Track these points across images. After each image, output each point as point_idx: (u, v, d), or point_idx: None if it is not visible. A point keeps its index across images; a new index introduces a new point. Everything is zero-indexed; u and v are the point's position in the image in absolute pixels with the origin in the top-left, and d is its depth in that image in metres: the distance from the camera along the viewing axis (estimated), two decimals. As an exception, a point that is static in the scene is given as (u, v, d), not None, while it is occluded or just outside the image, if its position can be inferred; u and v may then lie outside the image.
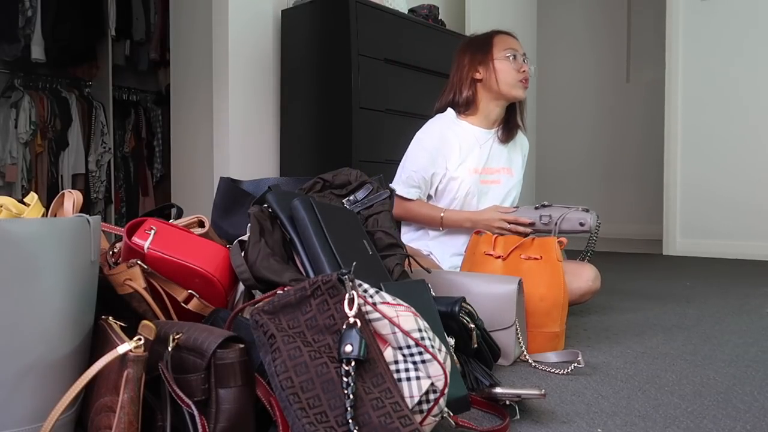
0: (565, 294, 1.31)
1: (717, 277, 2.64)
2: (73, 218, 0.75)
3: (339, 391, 0.68)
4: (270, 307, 0.74)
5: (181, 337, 0.73)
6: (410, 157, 1.75)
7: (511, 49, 1.72)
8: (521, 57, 1.73)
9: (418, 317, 0.77)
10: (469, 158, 1.74)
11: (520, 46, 1.76)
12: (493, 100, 1.75)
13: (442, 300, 1.05)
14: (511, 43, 1.75)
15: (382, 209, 1.25)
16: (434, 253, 1.75)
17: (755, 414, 0.93)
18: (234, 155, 2.67)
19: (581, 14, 5.03)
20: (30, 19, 3.70)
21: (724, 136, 3.54)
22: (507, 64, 1.71)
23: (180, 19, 2.97)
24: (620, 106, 4.85)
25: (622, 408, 0.96)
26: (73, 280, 0.73)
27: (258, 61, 2.75)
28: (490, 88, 1.73)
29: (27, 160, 3.81)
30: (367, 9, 2.58)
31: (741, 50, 3.48)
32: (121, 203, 4.44)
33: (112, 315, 0.81)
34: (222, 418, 0.70)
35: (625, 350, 1.34)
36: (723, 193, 3.55)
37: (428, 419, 0.74)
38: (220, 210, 1.43)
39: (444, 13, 3.44)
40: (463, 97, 1.76)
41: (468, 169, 1.73)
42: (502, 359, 1.21)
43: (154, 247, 1.00)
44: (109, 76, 4.15)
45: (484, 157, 1.76)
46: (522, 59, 1.73)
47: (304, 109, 2.70)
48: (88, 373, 0.67)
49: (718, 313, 1.78)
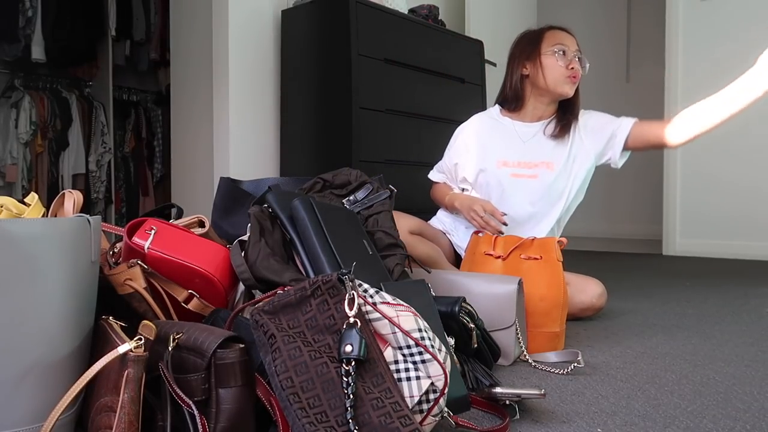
0: (565, 294, 1.31)
1: (717, 277, 2.64)
2: (73, 218, 0.75)
3: (339, 391, 0.68)
4: (270, 307, 0.74)
5: (181, 337, 0.74)
6: (447, 147, 1.90)
7: (561, 45, 1.69)
8: (573, 53, 1.69)
9: (418, 317, 0.77)
10: (502, 151, 1.75)
11: (574, 42, 1.72)
12: (540, 96, 1.74)
13: (442, 300, 1.05)
14: (561, 38, 1.71)
15: (382, 209, 1.25)
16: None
17: (755, 414, 0.93)
18: (234, 155, 2.67)
19: (581, 14, 5.03)
20: (30, 19, 3.70)
21: (724, 136, 3.54)
22: (554, 60, 1.68)
23: (180, 19, 2.96)
24: (620, 106, 4.84)
25: (622, 408, 0.96)
26: (74, 280, 0.73)
27: (258, 61, 2.75)
28: (537, 84, 1.73)
29: (27, 160, 3.81)
30: (367, 9, 2.58)
31: (741, 50, 3.48)
32: (122, 203, 4.44)
33: (113, 315, 0.81)
34: (222, 418, 0.70)
35: (625, 350, 1.34)
36: (723, 193, 3.55)
37: (428, 419, 0.74)
38: (220, 210, 1.44)
39: (444, 13, 3.44)
40: (512, 92, 1.77)
41: (497, 162, 1.74)
42: (502, 359, 1.21)
43: (155, 247, 1.00)
44: (109, 76, 4.15)
45: (520, 151, 1.74)
46: (574, 55, 1.69)
47: (304, 109, 2.70)
48: (89, 373, 0.67)
49: (718, 313, 1.78)
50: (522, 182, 1.72)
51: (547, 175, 1.71)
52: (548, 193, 1.72)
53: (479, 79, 3.13)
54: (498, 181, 1.73)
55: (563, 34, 1.72)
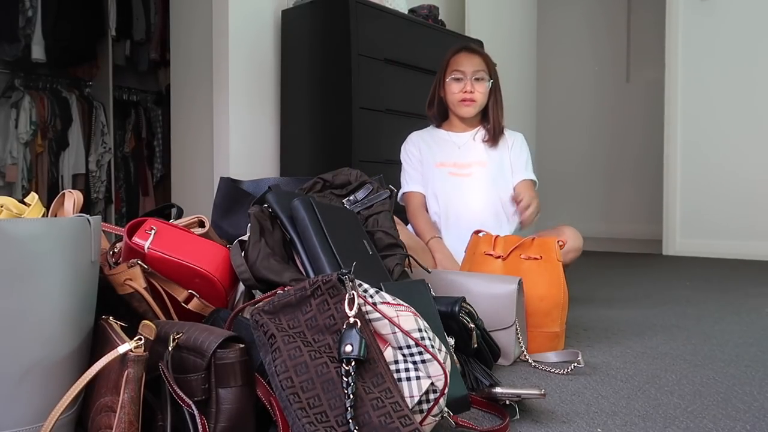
0: (565, 294, 1.31)
1: (717, 277, 2.64)
2: (73, 218, 0.75)
3: (339, 391, 0.68)
4: (270, 307, 0.74)
5: (181, 337, 0.74)
6: (403, 161, 2.01)
7: (457, 71, 1.85)
8: (470, 76, 1.84)
9: (418, 317, 0.77)
10: (439, 156, 1.93)
11: (475, 63, 1.85)
12: (452, 113, 1.94)
13: (442, 300, 1.05)
14: (460, 63, 1.86)
15: (382, 209, 1.25)
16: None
17: (755, 414, 0.93)
18: (234, 155, 2.67)
19: (581, 14, 5.03)
20: (30, 19, 3.70)
21: (724, 135, 3.54)
22: (452, 85, 1.86)
23: (180, 19, 2.96)
24: (620, 106, 4.85)
25: (622, 408, 0.96)
26: (74, 280, 0.73)
27: (258, 61, 2.75)
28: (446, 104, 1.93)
29: (27, 160, 3.81)
30: (367, 9, 2.58)
31: (741, 50, 3.48)
32: (122, 203, 4.44)
33: (113, 315, 0.81)
34: (222, 418, 0.70)
35: (625, 350, 1.34)
36: (723, 193, 3.55)
37: (428, 419, 0.74)
38: (220, 210, 1.44)
39: (444, 13, 3.44)
40: (437, 108, 1.96)
41: (435, 164, 1.92)
42: (502, 359, 1.21)
43: (155, 247, 1.00)
44: (109, 76, 4.15)
45: (455, 153, 1.91)
46: (471, 77, 1.84)
47: (304, 109, 2.70)
48: (89, 373, 0.67)
49: (718, 313, 1.78)
50: (461, 181, 1.89)
51: (481, 172, 1.89)
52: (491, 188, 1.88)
53: (479, 79, 3.13)
54: (444, 180, 1.90)
55: (463, 58, 1.87)
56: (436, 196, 1.90)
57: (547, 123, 5.08)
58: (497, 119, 1.91)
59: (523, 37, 3.88)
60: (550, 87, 5.10)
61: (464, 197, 1.88)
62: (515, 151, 1.92)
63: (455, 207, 1.87)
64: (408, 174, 1.97)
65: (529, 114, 3.97)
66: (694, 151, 3.64)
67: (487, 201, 1.87)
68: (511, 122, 2.77)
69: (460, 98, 1.85)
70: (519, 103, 3.83)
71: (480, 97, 1.85)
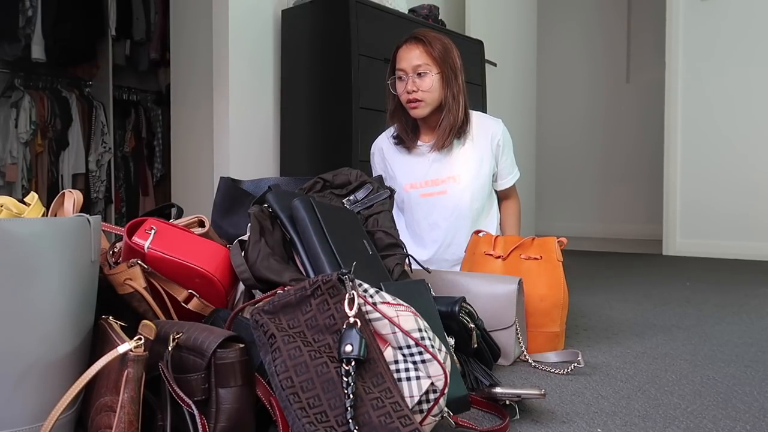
0: (565, 294, 1.31)
1: (717, 277, 2.64)
2: (73, 218, 0.75)
3: (339, 391, 0.68)
4: (270, 306, 0.74)
5: (181, 336, 0.74)
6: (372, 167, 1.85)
7: (400, 70, 1.63)
8: (411, 73, 1.61)
9: (418, 317, 0.77)
10: (409, 176, 1.71)
11: (416, 56, 1.60)
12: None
13: (442, 300, 1.05)
14: (400, 59, 1.63)
15: (382, 209, 1.25)
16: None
17: (755, 414, 0.93)
18: (234, 155, 2.67)
19: (581, 14, 5.03)
20: (30, 18, 3.70)
21: (724, 135, 3.54)
22: (397, 86, 1.66)
23: (180, 19, 2.96)
24: (620, 106, 4.85)
25: (622, 408, 0.96)
26: (74, 280, 0.73)
27: (258, 61, 2.75)
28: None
29: (27, 160, 3.81)
30: (367, 9, 2.58)
31: (741, 50, 3.48)
32: (122, 203, 4.44)
33: (112, 315, 0.81)
34: (222, 418, 0.70)
35: (625, 350, 1.34)
36: (723, 193, 3.55)
37: (428, 419, 0.74)
38: (220, 210, 1.43)
39: (444, 13, 3.44)
40: (398, 116, 1.73)
41: (405, 185, 1.71)
42: (502, 359, 1.21)
43: (155, 247, 1.00)
44: (109, 76, 4.15)
45: (425, 169, 1.70)
46: (412, 76, 1.61)
47: (304, 109, 2.70)
48: (89, 373, 0.67)
49: (718, 313, 1.78)
50: (435, 200, 1.69)
51: (455, 188, 1.67)
52: (464, 206, 1.68)
53: (479, 79, 3.13)
54: (413, 203, 1.71)
55: (403, 53, 1.64)
56: (405, 215, 1.74)
57: (547, 123, 5.08)
58: (456, 115, 1.62)
59: (523, 37, 3.87)
60: (549, 87, 5.10)
61: (434, 217, 1.69)
62: (504, 153, 1.71)
63: (424, 226, 1.70)
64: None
65: (529, 114, 3.97)
66: (694, 151, 3.64)
67: (460, 216, 1.68)
68: (511, 122, 2.77)
69: (405, 100, 1.63)
70: (518, 103, 3.83)
71: (426, 96, 1.59)
